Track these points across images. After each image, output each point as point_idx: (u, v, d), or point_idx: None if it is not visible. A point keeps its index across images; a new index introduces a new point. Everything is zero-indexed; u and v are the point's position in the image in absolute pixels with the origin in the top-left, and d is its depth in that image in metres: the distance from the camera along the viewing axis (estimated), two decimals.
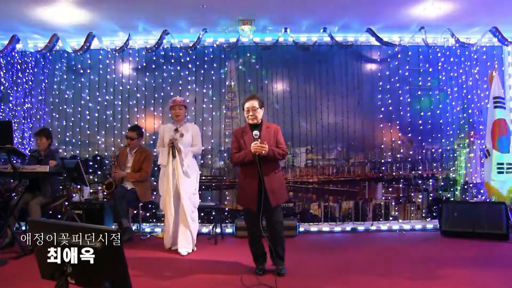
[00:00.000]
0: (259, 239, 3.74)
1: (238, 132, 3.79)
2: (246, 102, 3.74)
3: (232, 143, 3.76)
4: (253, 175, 3.57)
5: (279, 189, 3.65)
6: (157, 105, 6.48)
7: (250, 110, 3.69)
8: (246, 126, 3.78)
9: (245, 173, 3.65)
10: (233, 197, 6.29)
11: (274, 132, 3.73)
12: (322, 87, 6.47)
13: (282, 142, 3.75)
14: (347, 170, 6.43)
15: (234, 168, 6.24)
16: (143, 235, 5.59)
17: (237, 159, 3.63)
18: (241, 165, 3.69)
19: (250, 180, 3.59)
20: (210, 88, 6.44)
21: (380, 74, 6.56)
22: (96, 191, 6.20)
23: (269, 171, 3.59)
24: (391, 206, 6.42)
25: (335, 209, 6.38)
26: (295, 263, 3.97)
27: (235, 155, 3.63)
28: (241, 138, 3.67)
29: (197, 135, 4.80)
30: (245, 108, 3.72)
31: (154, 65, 6.50)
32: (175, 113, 4.74)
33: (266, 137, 3.64)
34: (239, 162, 3.66)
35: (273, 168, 3.63)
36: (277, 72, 6.47)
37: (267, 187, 3.51)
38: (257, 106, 3.71)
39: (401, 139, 6.51)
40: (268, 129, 3.72)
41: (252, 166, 3.54)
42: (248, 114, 3.69)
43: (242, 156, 3.59)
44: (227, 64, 6.47)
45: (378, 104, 6.50)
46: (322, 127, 6.42)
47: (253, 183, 3.56)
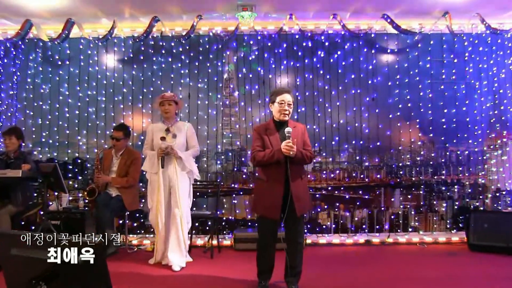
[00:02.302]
0: (272, 252, 3.71)
1: (260, 129, 3.73)
2: (280, 94, 3.68)
3: (254, 140, 3.70)
4: (279, 179, 3.53)
5: (305, 196, 3.67)
6: (146, 102, 6.46)
7: (286, 104, 3.65)
8: (270, 122, 3.75)
9: (269, 176, 3.59)
10: (230, 205, 6.35)
11: (302, 132, 3.73)
12: (332, 81, 6.46)
13: (309, 144, 3.77)
14: (360, 175, 6.43)
15: (234, 172, 6.35)
16: (130, 248, 5.55)
17: (261, 158, 3.55)
18: (264, 166, 3.64)
19: (275, 185, 3.54)
20: (205, 82, 6.45)
21: (398, 66, 6.53)
22: (76, 198, 6.17)
23: (296, 176, 3.57)
24: (410, 216, 6.39)
25: (346, 218, 6.39)
26: (301, 281, 3.90)
27: (259, 153, 3.57)
28: (264, 135, 3.64)
29: (192, 135, 4.82)
30: (278, 100, 3.66)
31: (142, 56, 6.50)
32: (164, 110, 4.73)
33: (294, 137, 3.60)
34: (263, 162, 3.58)
35: (300, 172, 3.63)
36: (281, 64, 6.48)
37: (293, 194, 3.48)
38: (291, 101, 3.71)
39: (422, 140, 6.48)
40: (296, 128, 3.70)
41: (278, 168, 3.52)
42: (281, 108, 3.64)
43: (269, 155, 3.52)
44: (224, 55, 6.48)
45: (395, 100, 6.47)
46: (332, 126, 6.43)
47: (278, 188, 3.52)
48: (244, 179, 6.46)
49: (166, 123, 4.79)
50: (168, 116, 4.77)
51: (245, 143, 6.49)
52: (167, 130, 4.68)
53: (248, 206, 6.31)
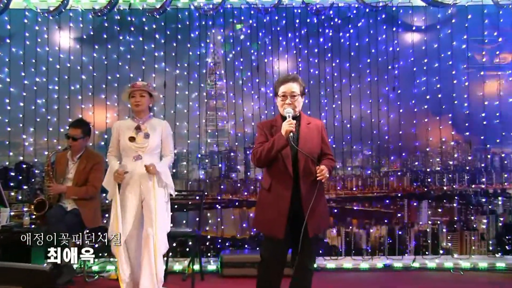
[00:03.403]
0: (276, 280, 3.54)
1: (265, 125, 3.68)
2: (281, 84, 3.57)
3: (258, 136, 3.68)
4: (285, 187, 3.40)
5: (321, 211, 3.51)
6: (111, 92, 6.28)
7: (288, 97, 3.51)
8: (277, 119, 3.64)
9: (273, 183, 3.47)
10: (216, 220, 6.27)
11: (318, 131, 3.60)
12: (343, 67, 6.34)
13: (329, 146, 3.68)
14: (378, 183, 6.39)
15: (221, 179, 6.38)
16: (89, 276, 5.39)
17: (260, 152, 3.46)
18: (269, 171, 3.53)
19: (281, 195, 3.41)
20: (185, 67, 6.34)
21: (426, 47, 6.35)
22: (20, 214, 5.90)
23: (309, 183, 3.40)
24: (441, 235, 6.25)
25: (361, 237, 6.29)
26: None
27: (258, 149, 3.51)
28: (269, 133, 3.59)
29: (168, 137, 4.64)
30: (280, 92, 3.55)
31: (105, 34, 6.33)
32: (135, 103, 4.47)
33: (307, 137, 3.49)
34: (264, 159, 3.46)
35: (315, 180, 3.41)
36: (280, 45, 6.39)
37: (305, 205, 3.33)
38: (298, 91, 3.53)
39: (456, 140, 6.35)
40: (309, 126, 3.58)
41: (285, 173, 3.41)
42: (283, 102, 3.52)
43: (268, 144, 3.44)
44: (209, 34, 6.39)
45: (422, 90, 6.30)
46: (342, 123, 6.32)
47: (283, 199, 3.39)
48: (234, 188, 6.43)
49: (136, 119, 4.51)
50: (139, 110, 4.50)
51: (234, 144, 6.47)
52: (138, 128, 4.41)
53: (238, 221, 6.33)
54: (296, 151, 3.38)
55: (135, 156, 4.42)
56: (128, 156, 4.47)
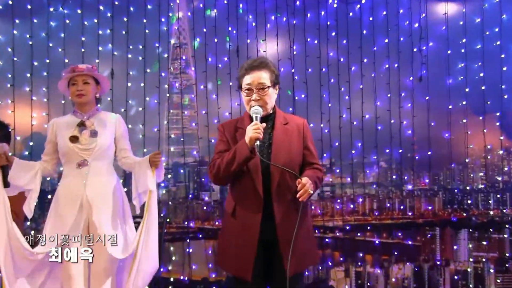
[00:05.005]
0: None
1: (228, 128, 3.20)
2: (245, 73, 3.02)
3: (217, 143, 3.20)
4: (254, 209, 2.97)
5: (304, 242, 3.05)
6: (40, 82, 5.73)
7: (254, 89, 2.98)
8: (245, 117, 3.16)
9: (240, 199, 3.04)
10: (183, 256, 5.84)
11: (299, 132, 3.10)
12: (351, 50, 5.88)
13: (315, 153, 3.18)
14: (399, 206, 6.08)
15: (189, 201, 6.12)
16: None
17: (218, 165, 3.03)
18: (233, 190, 3.11)
19: (248, 221, 2.99)
20: (140, 51, 5.79)
21: (464, 22, 5.82)
22: None
23: (287, 205, 2.98)
24: (488, 276, 5.73)
25: (377, 280, 5.91)
26: None
27: (216, 160, 3.08)
28: (232, 139, 3.11)
29: (124, 133, 3.82)
30: (244, 85, 3.02)
31: (30, 4, 5.75)
32: (77, 91, 3.67)
33: (283, 143, 3.01)
34: (224, 173, 2.98)
35: (295, 199, 2.96)
36: (267, 22, 5.98)
37: (280, 234, 2.92)
38: (267, 82, 2.97)
39: (505, 147, 5.89)
40: (287, 127, 3.10)
41: (254, 192, 2.96)
42: (249, 98, 3.01)
43: (228, 155, 3.01)
44: (172, 5, 5.96)
45: (459, 80, 5.80)
46: (351, 124, 5.87)
47: (251, 228, 2.95)
48: (206, 214, 6.26)
49: (79, 114, 3.71)
50: (83, 102, 3.72)
51: (206, 153, 5.97)
52: (81, 125, 3.59)
53: (212, 258, 5.98)
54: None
55: (80, 162, 3.49)
56: (70, 163, 3.53)
